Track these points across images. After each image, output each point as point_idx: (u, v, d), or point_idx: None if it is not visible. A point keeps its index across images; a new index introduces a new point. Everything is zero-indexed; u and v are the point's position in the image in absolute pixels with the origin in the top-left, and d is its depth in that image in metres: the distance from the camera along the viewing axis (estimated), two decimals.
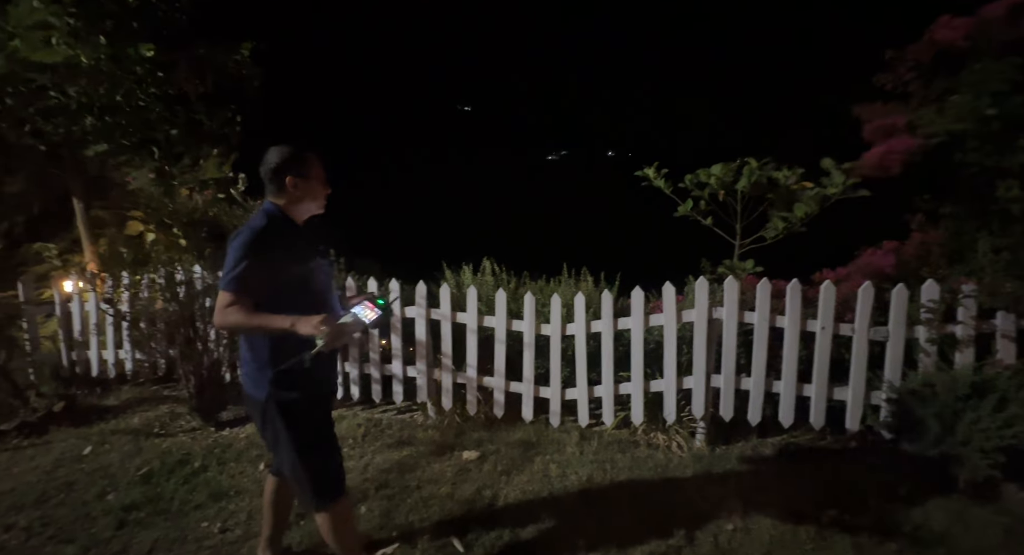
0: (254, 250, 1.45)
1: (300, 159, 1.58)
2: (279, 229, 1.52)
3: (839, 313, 2.63)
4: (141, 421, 3.19)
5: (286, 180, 1.56)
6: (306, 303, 1.50)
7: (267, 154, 1.59)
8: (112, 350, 3.82)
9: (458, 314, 3.13)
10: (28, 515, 2.19)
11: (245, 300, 1.44)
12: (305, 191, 1.58)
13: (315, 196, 1.62)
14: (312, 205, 1.62)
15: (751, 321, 2.72)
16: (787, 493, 2.26)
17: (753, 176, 3.03)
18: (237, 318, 1.42)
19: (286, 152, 1.58)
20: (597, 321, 2.95)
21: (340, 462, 1.66)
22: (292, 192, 1.57)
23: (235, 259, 1.45)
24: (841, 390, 2.66)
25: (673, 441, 2.84)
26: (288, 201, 1.58)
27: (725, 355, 2.75)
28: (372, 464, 2.59)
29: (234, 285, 1.44)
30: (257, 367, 1.55)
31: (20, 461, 2.65)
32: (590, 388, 2.99)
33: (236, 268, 1.43)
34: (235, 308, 1.43)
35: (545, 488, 2.34)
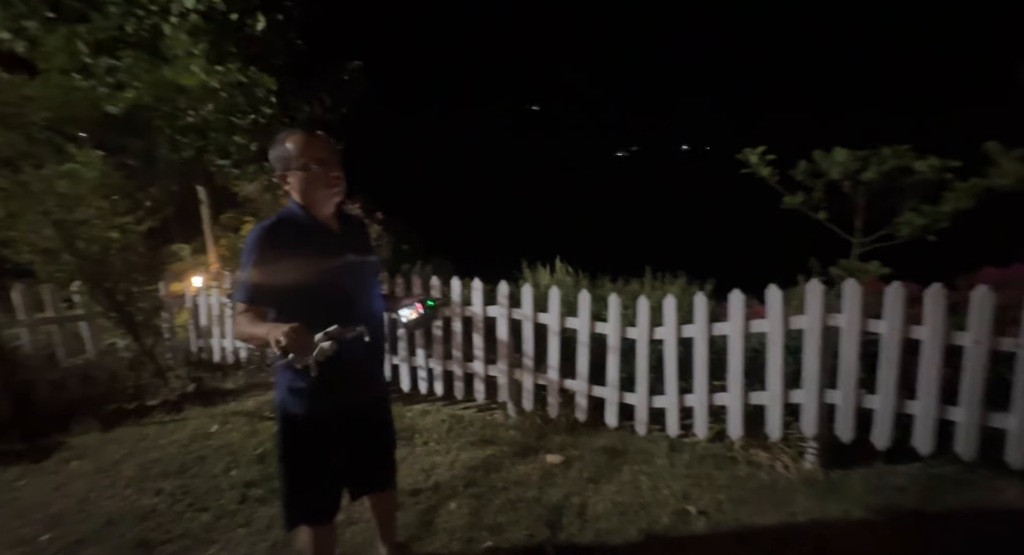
0: (260, 250, 1.31)
1: (283, 152, 1.40)
2: (291, 225, 1.38)
3: (997, 325, 2.20)
4: (254, 404, 3.54)
5: (279, 177, 1.43)
6: (329, 307, 1.33)
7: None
8: (230, 340, 4.29)
9: (540, 315, 3.09)
10: (172, 482, 2.51)
11: (255, 307, 1.32)
12: (304, 182, 1.40)
13: (317, 184, 1.40)
14: (321, 195, 1.41)
15: (877, 330, 2.37)
16: (940, 540, 1.93)
17: (886, 164, 2.64)
18: (242, 328, 1.31)
19: (272, 146, 1.43)
20: (689, 325, 2.75)
21: (327, 491, 1.49)
22: (293, 187, 1.42)
23: (243, 263, 1.34)
24: (1000, 416, 2.22)
25: (778, 460, 2.57)
26: (299, 196, 1.42)
27: (844, 368, 2.43)
28: (459, 461, 2.63)
29: (242, 292, 1.33)
30: (279, 367, 1.42)
31: (164, 434, 3.07)
32: (681, 396, 2.81)
33: (244, 272, 1.33)
34: (244, 316, 1.31)
35: (636, 501, 2.22)
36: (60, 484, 2.57)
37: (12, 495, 2.49)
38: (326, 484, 1.50)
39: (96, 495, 2.44)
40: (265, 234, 1.35)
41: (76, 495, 2.45)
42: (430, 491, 2.34)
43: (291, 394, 1.43)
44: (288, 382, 1.43)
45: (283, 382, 1.44)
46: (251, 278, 1.32)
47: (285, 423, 1.45)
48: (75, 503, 2.38)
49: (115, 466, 2.72)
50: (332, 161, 1.43)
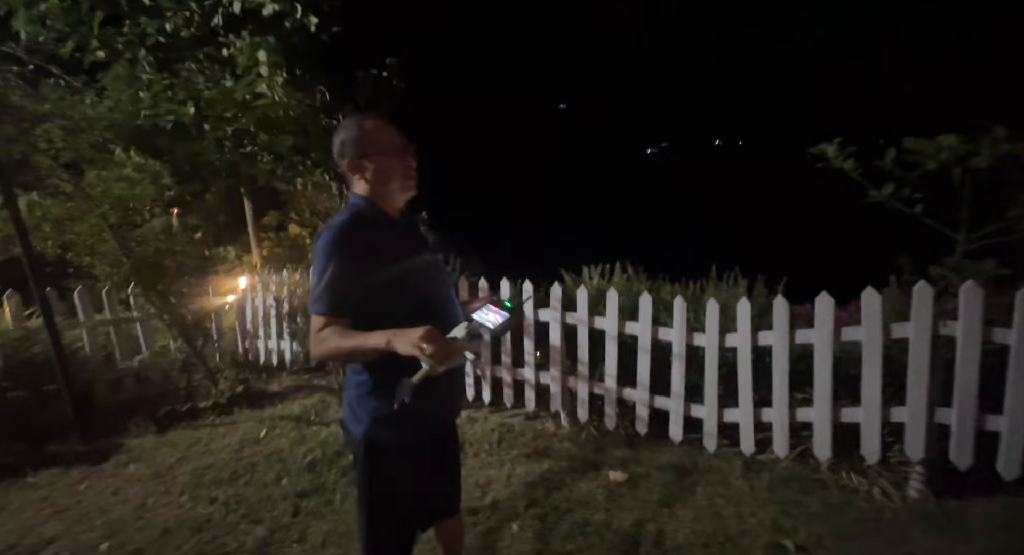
0: (339, 253, 1.14)
1: (358, 135, 1.22)
2: (366, 223, 1.20)
3: None
4: (300, 408, 3.50)
5: (354, 167, 1.24)
6: (414, 313, 1.16)
7: (334, 135, 1.28)
8: (276, 341, 4.29)
9: (596, 319, 2.89)
10: (225, 491, 2.46)
11: (339, 319, 1.14)
12: (378, 173, 1.23)
13: (392, 175, 1.24)
14: (395, 187, 1.25)
15: (1004, 341, 2.04)
16: None
17: (999, 149, 2.30)
18: (331, 344, 1.12)
19: (340, 131, 1.25)
20: (767, 332, 2.48)
21: (415, 525, 1.35)
22: (364, 177, 1.24)
23: (319, 269, 1.15)
24: None
25: (875, 486, 2.26)
26: (368, 189, 1.25)
27: (960, 384, 2.10)
28: (515, 475, 2.47)
29: (323, 303, 1.15)
30: (358, 395, 1.24)
31: (216, 438, 3.06)
32: (756, 410, 2.54)
33: (321, 281, 1.15)
34: (329, 331, 1.13)
35: (719, 530, 1.98)
36: (118, 488, 2.57)
37: (75, 499, 2.51)
38: (415, 518, 1.36)
39: (153, 501, 2.42)
40: (342, 234, 1.17)
41: (134, 501, 2.43)
42: (488, 510, 2.18)
43: (380, 425, 1.22)
44: (373, 410, 1.22)
45: (366, 410, 1.23)
46: (331, 285, 1.15)
47: (372, 460, 1.24)
48: (133, 509, 2.36)
49: (170, 471, 2.70)
50: (410, 150, 1.28)
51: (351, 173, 1.27)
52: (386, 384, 1.18)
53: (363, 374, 1.24)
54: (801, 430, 2.46)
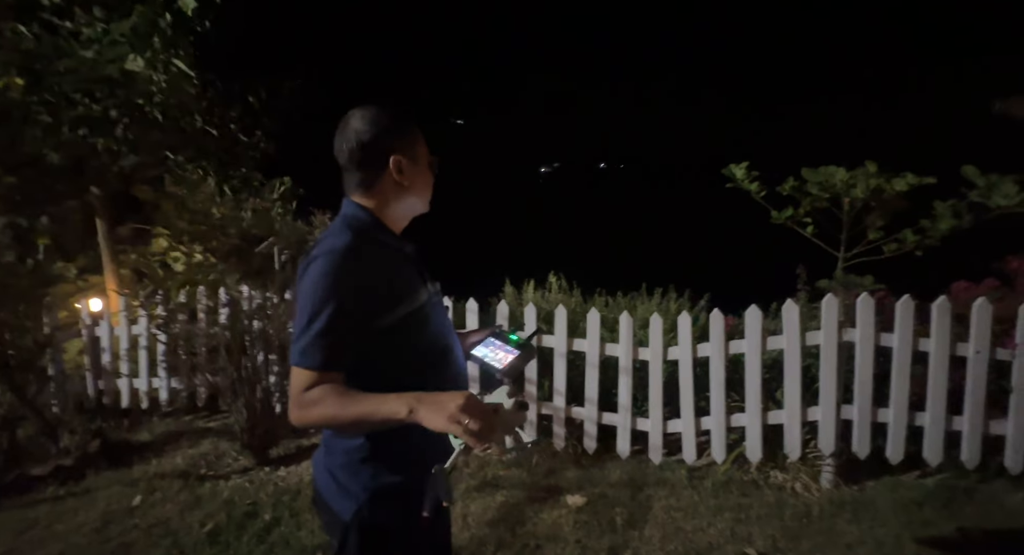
0: (343, 286, 0.88)
1: (407, 129, 1.01)
2: (374, 245, 0.95)
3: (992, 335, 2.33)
4: (185, 461, 2.83)
5: (389, 163, 0.97)
6: (425, 366, 0.97)
7: (349, 122, 0.98)
8: (146, 378, 3.46)
9: (544, 337, 2.81)
10: None
11: (334, 375, 0.87)
12: (414, 180, 1.01)
13: (424, 187, 1.04)
14: (418, 202, 1.05)
15: (888, 344, 2.42)
16: None
17: (871, 181, 2.76)
18: (327, 408, 0.85)
19: (386, 118, 0.98)
20: (705, 344, 2.63)
21: None
22: (395, 183, 0.99)
23: (312, 308, 0.87)
24: (999, 424, 2.34)
25: (797, 481, 2.51)
26: (384, 199, 0.99)
27: (859, 383, 2.44)
28: (470, 514, 2.24)
29: (317, 353, 0.86)
30: (346, 463, 0.95)
31: (64, 516, 2.29)
32: (697, 419, 2.67)
33: (313, 324, 0.86)
34: (321, 391, 0.85)
35: (690, 547, 2.00)
36: None
37: None
38: None
39: None
40: (348, 260, 0.89)
41: None
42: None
43: (380, 502, 0.94)
44: (369, 480, 0.94)
45: (359, 482, 0.95)
46: (330, 330, 0.86)
47: (367, 544, 0.95)
48: None
49: None
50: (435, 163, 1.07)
51: (392, 170, 0.98)
52: (390, 448, 0.93)
53: (354, 437, 0.95)
54: (732, 434, 2.64)
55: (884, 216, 3.03)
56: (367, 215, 0.99)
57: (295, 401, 0.88)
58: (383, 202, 1.00)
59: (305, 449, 2.93)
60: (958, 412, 2.38)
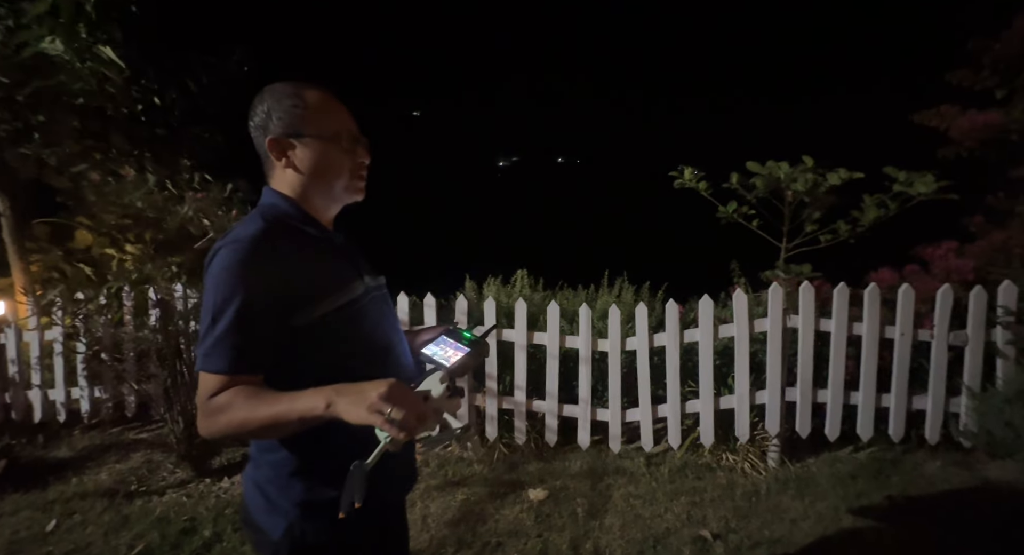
0: (248, 280, 0.78)
1: (292, 105, 0.87)
2: (287, 234, 0.85)
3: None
4: (112, 476, 2.57)
5: (271, 144, 0.87)
6: (359, 366, 0.87)
7: (254, 102, 0.90)
8: (63, 388, 3.12)
9: (505, 331, 2.78)
10: None
11: (244, 377, 0.78)
12: (317, 162, 0.88)
13: (337, 169, 0.90)
14: (338, 186, 0.91)
15: (827, 329, 2.57)
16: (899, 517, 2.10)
17: (809, 176, 2.91)
18: (236, 413, 0.76)
19: (265, 97, 0.88)
20: (661, 334, 2.69)
21: None
22: (287, 168, 0.89)
23: (214, 306, 0.78)
24: (920, 399, 2.56)
25: (745, 462, 2.63)
26: (294, 186, 0.89)
27: (801, 366, 2.58)
28: (430, 515, 2.17)
29: (221, 355, 0.77)
30: (273, 477, 0.87)
31: None
32: (654, 407, 2.73)
33: (218, 323, 0.77)
34: (229, 396, 0.77)
35: (647, 533, 2.03)
36: None
37: None
38: None
39: None
40: (254, 251, 0.79)
41: None
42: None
43: (312, 517, 0.85)
44: (301, 494, 0.85)
45: (288, 498, 0.86)
46: (235, 329, 0.77)
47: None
48: None
49: None
50: (363, 142, 0.94)
51: (273, 156, 0.89)
52: (323, 460, 0.84)
53: (281, 448, 0.86)
54: (685, 419, 2.73)
55: (820, 209, 3.22)
56: (287, 204, 0.90)
57: (201, 409, 0.78)
58: (294, 189, 0.90)
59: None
60: (886, 390, 2.57)
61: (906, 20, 37.86)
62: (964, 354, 2.50)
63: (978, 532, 1.98)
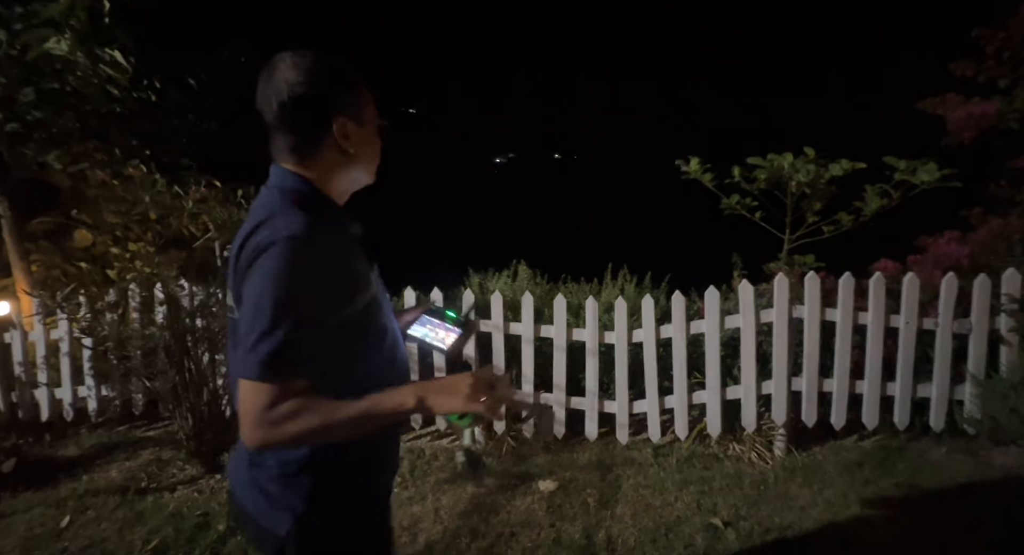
0: (308, 283, 0.74)
1: (354, 84, 0.85)
2: (328, 228, 0.80)
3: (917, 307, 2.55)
4: (122, 474, 2.58)
5: (333, 125, 0.82)
6: (377, 355, 0.86)
7: (278, 68, 0.81)
8: (70, 387, 3.12)
9: (512, 324, 2.79)
10: None
11: (300, 383, 0.73)
12: (361, 147, 0.87)
13: (372, 156, 0.90)
14: (364, 174, 0.91)
15: (832, 319, 2.59)
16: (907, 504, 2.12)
17: (810, 168, 2.92)
18: (311, 419, 0.72)
19: (328, 69, 0.82)
20: (667, 325, 2.71)
21: None
22: (340, 151, 0.84)
23: (273, 306, 0.72)
24: (924, 387, 2.58)
25: (752, 451, 2.65)
26: (326, 168, 0.85)
27: (807, 356, 2.60)
28: (442, 508, 2.19)
29: (283, 364, 0.72)
30: (280, 475, 0.83)
31: None
32: (661, 399, 2.75)
33: (278, 328, 0.71)
34: (296, 404, 0.72)
35: (659, 523, 2.05)
36: None
37: None
38: None
39: None
40: (313, 249, 0.75)
41: None
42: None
43: (321, 509, 0.83)
44: (309, 489, 0.83)
45: (297, 493, 0.83)
46: (295, 331, 0.72)
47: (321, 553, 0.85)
48: None
49: None
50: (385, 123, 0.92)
51: (332, 136, 0.83)
52: (334, 455, 0.83)
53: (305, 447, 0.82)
54: (692, 410, 2.75)
55: (822, 200, 3.23)
56: (309, 188, 0.84)
57: (258, 419, 0.71)
58: (325, 172, 0.85)
59: None
60: (891, 378, 2.59)
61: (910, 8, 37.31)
62: (968, 342, 2.52)
63: (984, 518, 2.00)
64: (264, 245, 0.74)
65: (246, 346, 0.72)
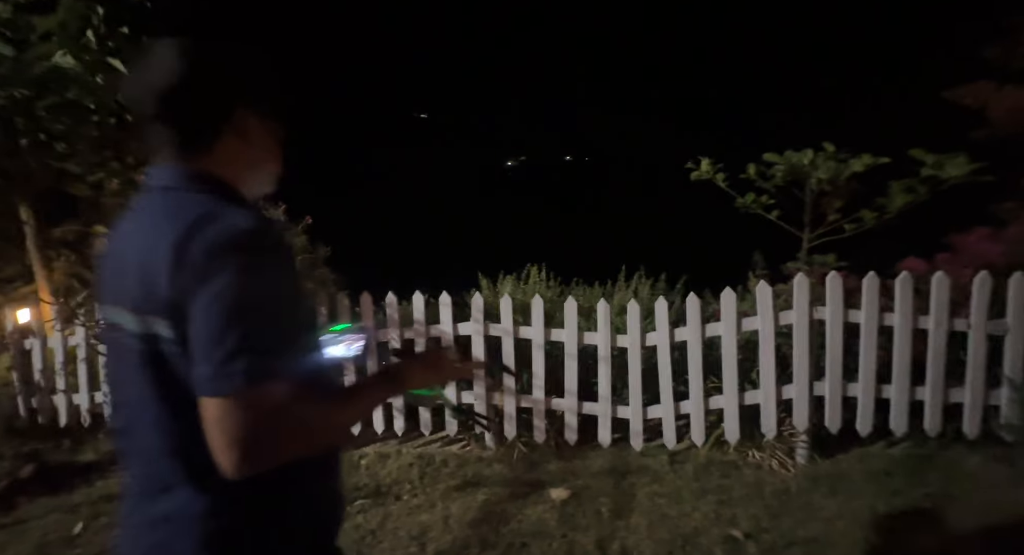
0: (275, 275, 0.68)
1: (260, 70, 0.76)
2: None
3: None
4: None
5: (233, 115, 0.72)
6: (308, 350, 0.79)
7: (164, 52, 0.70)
8: (86, 393, 3.16)
9: (521, 328, 2.74)
10: None
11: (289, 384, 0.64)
12: (266, 140, 0.77)
13: (277, 150, 0.80)
14: (266, 175, 0.80)
15: (855, 320, 2.48)
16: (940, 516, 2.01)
17: (830, 164, 2.82)
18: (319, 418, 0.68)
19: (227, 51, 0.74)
20: (682, 328, 2.63)
21: None
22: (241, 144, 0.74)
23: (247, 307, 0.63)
24: (956, 392, 2.45)
25: (773, 459, 2.55)
26: (229, 167, 0.73)
27: (830, 359, 2.49)
28: (452, 516, 2.14)
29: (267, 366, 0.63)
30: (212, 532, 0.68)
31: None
32: (676, 404, 2.67)
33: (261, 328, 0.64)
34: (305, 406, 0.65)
35: (676, 533, 1.98)
36: None
37: None
38: None
39: None
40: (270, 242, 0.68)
41: None
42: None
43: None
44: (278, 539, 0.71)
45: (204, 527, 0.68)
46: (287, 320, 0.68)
47: None
48: None
49: None
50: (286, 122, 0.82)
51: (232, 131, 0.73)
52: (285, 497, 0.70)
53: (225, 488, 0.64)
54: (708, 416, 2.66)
55: (842, 197, 3.12)
56: (231, 190, 0.73)
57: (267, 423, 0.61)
58: (230, 171, 0.73)
59: None
60: (920, 383, 2.47)
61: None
62: (1004, 344, 2.39)
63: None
64: (222, 243, 0.64)
65: (219, 357, 0.61)
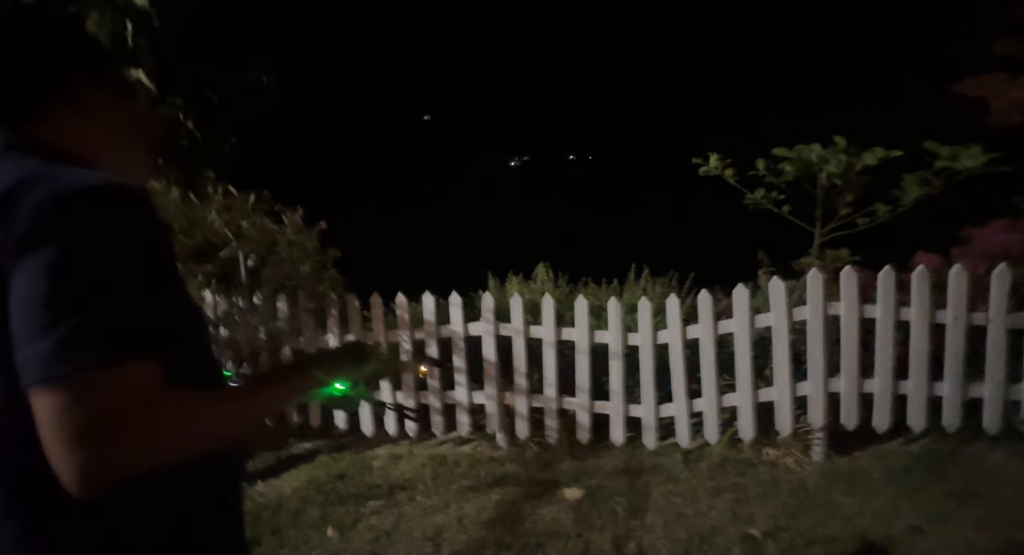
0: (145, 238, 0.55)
1: (100, 49, 0.69)
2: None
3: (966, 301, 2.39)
4: None
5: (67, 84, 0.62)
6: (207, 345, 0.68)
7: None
8: None
9: (533, 327, 2.73)
10: None
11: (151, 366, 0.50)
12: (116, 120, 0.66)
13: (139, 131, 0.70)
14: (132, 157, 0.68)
15: (871, 315, 2.45)
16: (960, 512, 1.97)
17: (841, 158, 2.79)
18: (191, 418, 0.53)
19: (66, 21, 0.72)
20: (694, 326, 2.61)
21: None
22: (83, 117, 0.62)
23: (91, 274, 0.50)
24: (976, 387, 2.41)
25: (788, 456, 2.52)
26: (71, 136, 0.61)
27: (846, 355, 2.46)
28: (466, 516, 2.14)
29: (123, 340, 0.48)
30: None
31: None
32: (689, 402, 2.64)
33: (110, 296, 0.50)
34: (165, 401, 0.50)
35: (692, 532, 1.96)
36: None
37: None
38: None
39: None
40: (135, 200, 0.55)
41: None
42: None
43: None
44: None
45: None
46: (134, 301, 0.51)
47: None
48: None
49: None
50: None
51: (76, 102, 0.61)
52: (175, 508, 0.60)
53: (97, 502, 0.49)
54: (722, 413, 2.63)
55: (854, 191, 3.08)
56: (67, 156, 0.58)
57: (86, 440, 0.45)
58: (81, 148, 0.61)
59: (285, 461, 2.75)
60: (939, 378, 2.43)
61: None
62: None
63: None
64: (59, 199, 0.50)
65: (58, 335, 0.46)
